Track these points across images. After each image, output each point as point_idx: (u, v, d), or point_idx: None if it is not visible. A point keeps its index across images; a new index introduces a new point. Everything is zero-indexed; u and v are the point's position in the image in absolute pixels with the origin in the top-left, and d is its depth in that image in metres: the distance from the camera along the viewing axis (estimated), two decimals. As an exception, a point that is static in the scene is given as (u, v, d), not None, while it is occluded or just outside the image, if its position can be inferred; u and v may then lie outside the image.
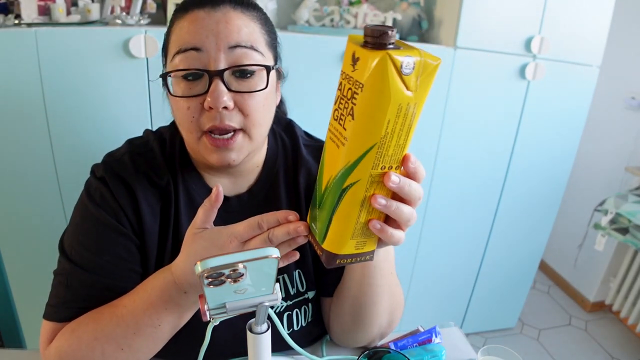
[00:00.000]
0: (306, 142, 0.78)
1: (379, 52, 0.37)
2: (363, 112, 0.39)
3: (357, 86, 0.39)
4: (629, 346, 2.00)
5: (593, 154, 2.21)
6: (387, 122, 0.39)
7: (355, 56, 0.39)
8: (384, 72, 0.37)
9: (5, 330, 1.33)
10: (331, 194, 0.44)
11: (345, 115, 0.41)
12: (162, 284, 0.56)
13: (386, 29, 0.37)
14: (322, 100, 1.31)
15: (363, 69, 0.38)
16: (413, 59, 0.38)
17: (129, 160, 0.66)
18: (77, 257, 0.62)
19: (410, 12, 1.46)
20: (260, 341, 0.53)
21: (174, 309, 0.56)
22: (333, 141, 0.43)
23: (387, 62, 0.37)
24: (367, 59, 0.37)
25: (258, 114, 0.61)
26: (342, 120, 0.41)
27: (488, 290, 1.84)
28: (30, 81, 1.06)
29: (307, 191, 0.73)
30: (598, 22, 1.51)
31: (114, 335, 0.57)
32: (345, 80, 0.41)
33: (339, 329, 0.74)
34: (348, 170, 0.42)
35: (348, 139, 0.41)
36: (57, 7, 1.14)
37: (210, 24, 0.58)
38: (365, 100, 0.38)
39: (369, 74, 0.37)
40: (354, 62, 0.39)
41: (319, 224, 0.47)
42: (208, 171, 0.70)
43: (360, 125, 0.40)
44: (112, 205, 0.63)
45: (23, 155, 1.12)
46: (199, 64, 0.58)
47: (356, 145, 0.41)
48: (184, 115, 0.59)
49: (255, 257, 0.43)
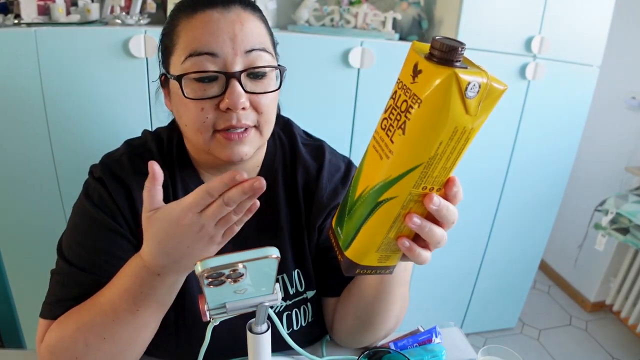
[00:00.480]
0: (305, 141, 0.78)
1: (445, 69, 0.34)
2: (416, 129, 0.37)
3: (415, 100, 0.36)
4: (629, 346, 2.00)
5: (593, 153, 2.21)
6: (440, 143, 0.37)
7: (417, 68, 0.36)
8: (447, 92, 0.34)
9: (5, 330, 1.33)
10: (364, 204, 0.42)
11: (395, 128, 0.38)
12: (135, 269, 0.54)
13: (456, 44, 0.34)
14: (322, 100, 1.31)
15: (425, 83, 0.35)
16: (479, 82, 0.35)
17: (126, 161, 0.66)
18: (73, 257, 0.62)
19: (410, 12, 1.46)
20: (260, 341, 0.53)
21: (150, 292, 0.54)
22: (376, 150, 0.41)
23: (453, 82, 0.34)
24: (432, 75, 0.35)
25: (270, 111, 0.63)
26: (391, 132, 0.39)
27: (488, 290, 1.84)
28: (30, 81, 1.06)
29: (305, 190, 0.73)
30: (598, 22, 1.51)
31: (94, 325, 0.56)
32: (401, 91, 0.38)
33: (344, 331, 0.73)
34: (388, 184, 0.39)
35: (394, 153, 0.38)
36: (56, 6, 1.14)
37: (225, 26, 0.58)
38: (421, 117, 0.36)
39: (430, 90, 0.35)
40: (415, 74, 0.37)
41: (346, 230, 0.45)
42: (208, 170, 0.70)
43: (410, 142, 0.37)
44: (109, 206, 0.63)
45: (23, 155, 1.12)
46: (215, 66, 0.58)
47: (402, 161, 0.38)
48: (196, 116, 0.59)
49: (255, 257, 0.43)
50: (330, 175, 0.74)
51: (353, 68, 1.29)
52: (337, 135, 1.36)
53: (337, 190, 0.73)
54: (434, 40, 0.35)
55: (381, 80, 1.33)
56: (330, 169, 0.74)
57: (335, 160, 0.77)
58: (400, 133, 0.38)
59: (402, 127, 0.37)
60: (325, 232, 0.73)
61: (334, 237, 0.48)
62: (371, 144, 0.42)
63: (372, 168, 0.41)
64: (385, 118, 0.40)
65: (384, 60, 1.30)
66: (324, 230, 0.73)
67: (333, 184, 0.73)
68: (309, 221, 0.72)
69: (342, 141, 1.38)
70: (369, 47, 1.28)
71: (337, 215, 0.48)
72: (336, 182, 0.74)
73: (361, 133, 1.38)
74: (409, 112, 0.37)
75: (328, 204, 0.71)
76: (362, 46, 1.28)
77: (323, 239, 0.73)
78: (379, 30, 1.40)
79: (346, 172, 0.76)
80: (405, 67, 0.38)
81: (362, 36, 1.34)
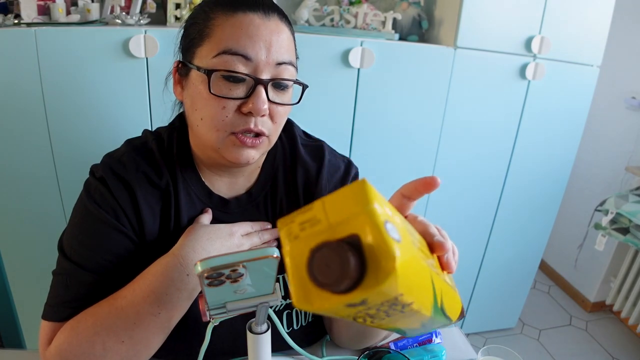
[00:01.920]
0: (304, 141, 0.78)
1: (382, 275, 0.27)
2: (415, 297, 0.31)
3: (391, 301, 0.29)
4: (629, 346, 2.00)
5: (593, 154, 2.21)
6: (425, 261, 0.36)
7: (356, 303, 0.28)
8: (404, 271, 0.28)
9: (5, 330, 1.33)
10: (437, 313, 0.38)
11: (396, 311, 0.32)
12: (165, 268, 0.58)
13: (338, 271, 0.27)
14: (322, 100, 1.31)
15: (383, 296, 0.28)
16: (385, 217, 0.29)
17: (128, 161, 0.66)
18: (76, 257, 0.62)
19: (410, 11, 1.46)
20: (260, 341, 0.53)
21: (175, 294, 0.57)
22: (399, 317, 0.35)
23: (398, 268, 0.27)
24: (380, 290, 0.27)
25: (282, 123, 0.66)
26: (396, 313, 0.33)
27: (488, 290, 1.84)
28: (30, 81, 1.06)
29: (304, 190, 0.73)
30: (598, 22, 1.51)
31: (115, 328, 0.57)
32: (358, 315, 0.31)
33: (344, 333, 0.73)
34: (434, 303, 0.36)
35: (417, 311, 0.33)
36: (56, 6, 1.14)
37: (264, 34, 0.59)
38: (410, 294, 0.30)
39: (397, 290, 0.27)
40: (360, 303, 0.28)
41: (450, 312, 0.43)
42: (210, 169, 0.69)
43: (419, 298, 0.32)
44: (111, 205, 0.63)
45: (23, 155, 1.12)
46: (246, 69, 0.59)
47: (425, 303, 0.34)
48: (216, 113, 0.60)
49: (255, 257, 0.43)
50: (329, 176, 0.74)
51: (353, 68, 1.29)
52: (337, 135, 1.36)
53: None
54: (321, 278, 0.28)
55: (381, 80, 1.33)
56: (330, 169, 0.74)
57: (335, 160, 0.77)
58: (408, 308, 0.32)
59: (404, 309, 0.31)
60: None
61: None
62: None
63: (412, 319, 0.36)
64: (373, 321, 0.34)
65: (384, 60, 1.30)
66: None
67: (333, 184, 0.73)
68: None
69: (342, 141, 1.38)
70: (369, 47, 1.28)
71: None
72: (335, 182, 0.74)
73: (361, 133, 1.38)
74: (396, 304, 0.30)
75: None
76: (362, 46, 1.28)
77: None
78: (379, 30, 1.40)
79: (346, 171, 0.76)
80: (333, 312, 0.29)
81: (362, 36, 1.34)
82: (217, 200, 0.70)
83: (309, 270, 0.29)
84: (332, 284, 0.27)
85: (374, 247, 0.27)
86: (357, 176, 0.77)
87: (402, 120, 1.41)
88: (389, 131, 1.41)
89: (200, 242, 0.61)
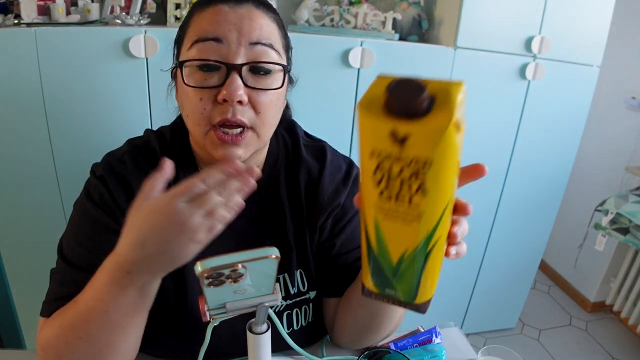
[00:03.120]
0: (306, 142, 0.78)
1: (440, 121, 0.32)
2: (437, 183, 0.36)
3: (422, 163, 0.34)
4: (629, 346, 2.00)
5: (593, 154, 2.21)
6: (454, 174, 0.37)
7: (398, 135, 0.34)
8: (452, 138, 0.33)
9: (5, 330, 1.33)
10: (413, 263, 0.42)
11: (407, 193, 0.37)
12: (107, 265, 0.51)
13: (418, 90, 0.32)
14: (322, 100, 1.31)
15: (424, 144, 0.33)
16: (462, 107, 0.34)
17: (129, 160, 0.66)
18: (72, 256, 0.62)
19: (410, 12, 1.46)
20: (260, 341, 0.53)
21: (120, 292, 0.50)
22: (395, 220, 0.39)
23: (451, 124, 0.32)
24: (427, 133, 0.33)
25: (269, 113, 0.61)
26: (404, 198, 0.37)
27: (488, 290, 1.84)
28: (30, 81, 1.06)
29: (307, 190, 0.73)
30: (598, 22, 1.51)
31: (72, 323, 0.55)
32: (388, 161, 0.36)
33: (346, 331, 0.73)
34: (430, 236, 0.40)
35: (424, 212, 0.37)
36: (56, 6, 1.14)
37: (233, 18, 0.58)
38: (437, 172, 0.35)
39: (436, 147, 0.33)
40: (399, 141, 0.34)
41: (402, 289, 0.44)
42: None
43: (436, 195, 0.37)
44: (110, 205, 0.63)
45: (23, 155, 1.12)
46: (218, 56, 0.58)
47: (433, 214, 0.38)
48: (195, 106, 0.59)
49: (255, 257, 0.43)
50: (331, 176, 0.74)
51: (353, 68, 1.29)
52: (337, 135, 1.36)
53: (339, 190, 0.73)
54: (396, 95, 0.33)
55: (381, 80, 1.33)
56: (332, 169, 0.74)
57: (337, 160, 0.77)
58: (420, 195, 0.36)
59: (421, 189, 0.36)
60: (328, 233, 0.73)
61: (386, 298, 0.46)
62: (379, 219, 0.40)
63: (401, 235, 0.40)
64: (383, 190, 0.38)
65: (384, 61, 1.30)
66: (324, 230, 0.73)
67: (334, 184, 0.73)
68: (310, 221, 0.72)
69: (342, 141, 1.38)
70: (369, 47, 1.28)
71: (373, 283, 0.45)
72: (337, 182, 0.74)
73: (361, 133, 1.38)
74: (418, 175, 0.35)
75: (330, 204, 0.72)
76: (362, 46, 1.28)
77: (324, 238, 0.73)
78: (379, 30, 1.40)
79: (347, 172, 0.76)
80: (374, 137, 0.35)
81: (362, 36, 1.34)
82: None
83: (387, 90, 0.33)
84: (399, 104, 0.32)
85: (442, 105, 0.33)
86: (358, 177, 0.77)
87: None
88: (389, 131, 1.41)
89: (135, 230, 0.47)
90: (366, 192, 0.40)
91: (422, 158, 0.34)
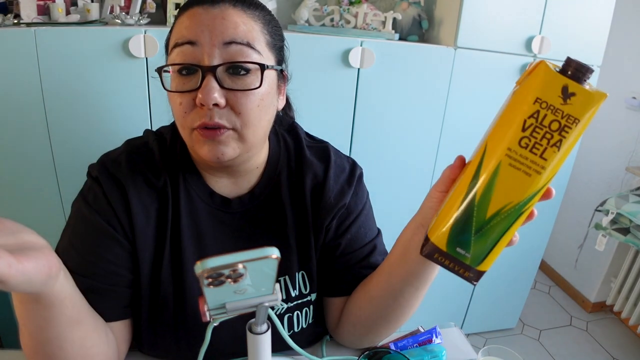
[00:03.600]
0: (308, 143, 0.78)
1: (599, 94, 0.42)
2: (569, 146, 0.43)
3: (572, 121, 0.42)
4: (630, 347, 2.00)
5: (594, 154, 2.21)
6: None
7: (569, 90, 0.42)
8: (596, 111, 0.42)
9: (4, 330, 1.33)
10: (505, 220, 0.46)
11: (544, 146, 0.43)
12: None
13: (592, 67, 0.43)
14: (322, 100, 1.31)
15: (583, 106, 0.42)
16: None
17: (124, 160, 0.66)
18: (65, 258, 0.62)
19: (410, 11, 1.46)
20: (260, 341, 0.52)
21: (21, 306, 0.55)
22: (517, 168, 0.44)
23: (602, 102, 0.42)
24: (590, 99, 0.42)
25: (252, 114, 0.59)
26: (538, 150, 0.43)
27: (488, 290, 1.84)
28: (30, 81, 1.06)
29: (312, 193, 0.72)
30: (598, 22, 1.51)
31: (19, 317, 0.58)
32: (546, 111, 0.43)
33: (357, 330, 0.73)
34: (534, 195, 0.45)
35: (547, 168, 0.44)
36: (56, 6, 1.14)
37: (206, 19, 0.57)
38: (577, 135, 0.43)
39: (590, 113, 0.42)
40: (566, 96, 0.42)
41: (476, 249, 0.47)
42: (208, 171, 0.69)
43: (562, 157, 0.44)
44: (104, 207, 0.63)
45: (22, 155, 1.12)
46: (193, 59, 0.57)
47: (551, 174, 0.44)
48: (177, 110, 0.59)
49: (255, 257, 0.43)
50: (336, 176, 0.73)
51: (353, 68, 1.29)
52: (337, 135, 1.36)
53: (344, 191, 0.73)
54: (577, 63, 0.42)
55: (381, 80, 1.33)
56: (336, 170, 0.74)
57: (340, 161, 0.76)
58: (554, 150, 0.43)
59: (557, 145, 0.43)
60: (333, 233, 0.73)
61: (449, 259, 0.49)
62: (503, 163, 0.45)
63: (515, 185, 0.45)
64: (525, 137, 0.44)
65: (384, 60, 1.30)
66: (329, 231, 0.72)
67: (339, 184, 0.73)
68: (316, 222, 0.72)
69: (342, 141, 1.37)
70: (369, 47, 1.28)
71: (448, 239, 0.48)
72: (342, 183, 0.73)
73: (361, 133, 1.38)
74: (564, 131, 0.43)
75: (336, 204, 0.71)
76: (362, 46, 1.27)
77: (329, 239, 0.73)
78: (379, 30, 1.40)
79: (351, 172, 0.75)
80: (549, 88, 0.43)
81: (362, 36, 1.34)
82: (218, 200, 0.69)
83: (565, 60, 0.43)
84: (575, 69, 0.43)
85: (599, 89, 0.43)
86: (361, 176, 0.77)
87: (402, 120, 1.41)
88: (389, 131, 1.41)
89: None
90: (506, 136, 0.44)
91: (575, 116, 0.42)
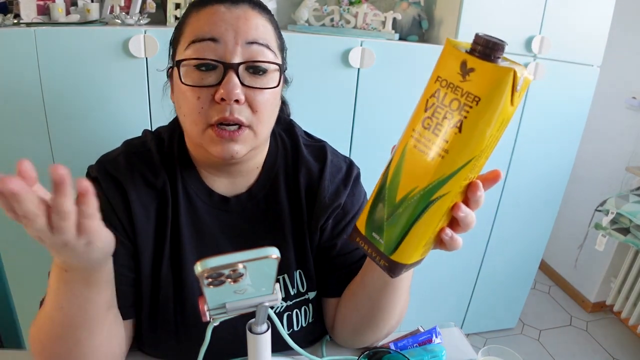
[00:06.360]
0: (306, 142, 0.78)
1: (503, 68, 0.36)
2: (472, 126, 0.38)
3: (471, 99, 0.37)
4: (630, 347, 2.00)
5: (593, 154, 2.21)
6: (490, 136, 0.39)
7: (467, 66, 0.38)
8: (504, 89, 0.36)
9: (4, 330, 1.33)
10: (412, 206, 0.42)
11: (445, 127, 0.39)
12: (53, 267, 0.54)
13: (502, 42, 0.36)
14: (322, 100, 1.31)
15: (481, 82, 0.37)
16: (524, 76, 0.37)
17: (123, 160, 0.66)
18: None
19: (410, 11, 1.46)
20: (260, 341, 0.53)
21: (66, 288, 0.53)
22: (421, 151, 0.41)
23: (510, 79, 0.36)
24: (489, 73, 0.36)
25: (266, 112, 0.62)
26: (439, 131, 0.40)
27: (488, 290, 1.84)
28: (30, 81, 1.06)
29: (307, 191, 0.73)
30: (598, 22, 1.51)
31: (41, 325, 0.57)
32: (447, 89, 0.39)
33: (346, 331, 0.73)
34: (441, 182, 0.40)
35: (450, 151, 0.39)
36: (56, 6, 1.14)
37: (230, 18, 0.59)
38: (478, 114, 0.37)
39: (490, 89, 0.36)
40: (465, 72, 0.38)
41: (388, 235, 0.44)
42: (208, 170, 0.69)
43: (467, 139, 0.39)
44: (103, 207, 0.63)
45: (22, 155, 1.11)
46: (215, 55, 0.58)
47: (457, 158, 0.39)
48: (193, 105, 0.59)
49: (255, 257, 0.43)
50: (332, 176, 0.73)
51: (353, 68, 1.29)
52: (336, 135, 1.36)
53: (339, 191, 0.73)
54: (480, 38, 0.37)
55: (381, 80, 1.33)
56: (332, 169, 0.74)
57: (337, 161, 0.76)
58: (455, 131, 0.39)
59: (458, 126, 0.38)
60: (329, 233, 0.73)
61: (367, 244, 0.46)
62: (409, 145, 0.42)
63: (418, 169, 0.41)
64: (428, 117, 0.40)
65: (384, 60, 1.30)
66: (325, 231, 0.73)
67: (335, 184, 0.73)
68: (311, 222, 0.72)
69: (341, 141, 1.38)
70: (369, 47, 1.28)
71: (366, 222, 0.46)
72: (338, 183, 0.74)
73: (361, 133, 1.38)
74: (464, 110, 0.38)
75: (330, 204, 0.71)
76: (362, 46, 1.27)
77: (325, 239, 0.73)
78: (379, 30, 1.40)
79: (347, 172, 0.76)
80: (449, 66, 0.39)
81: (362, 36, 1.34)
82: (217, 199, 0.70)
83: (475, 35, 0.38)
84: (480, 45, 0.37)
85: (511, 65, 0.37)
86: (358, 177, 0.77)
87: (402, 120, 1.40)
88: (389, 131, 1.41)
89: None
90: (413, 118, 0.42)
91: (474, 93, 0.37)
